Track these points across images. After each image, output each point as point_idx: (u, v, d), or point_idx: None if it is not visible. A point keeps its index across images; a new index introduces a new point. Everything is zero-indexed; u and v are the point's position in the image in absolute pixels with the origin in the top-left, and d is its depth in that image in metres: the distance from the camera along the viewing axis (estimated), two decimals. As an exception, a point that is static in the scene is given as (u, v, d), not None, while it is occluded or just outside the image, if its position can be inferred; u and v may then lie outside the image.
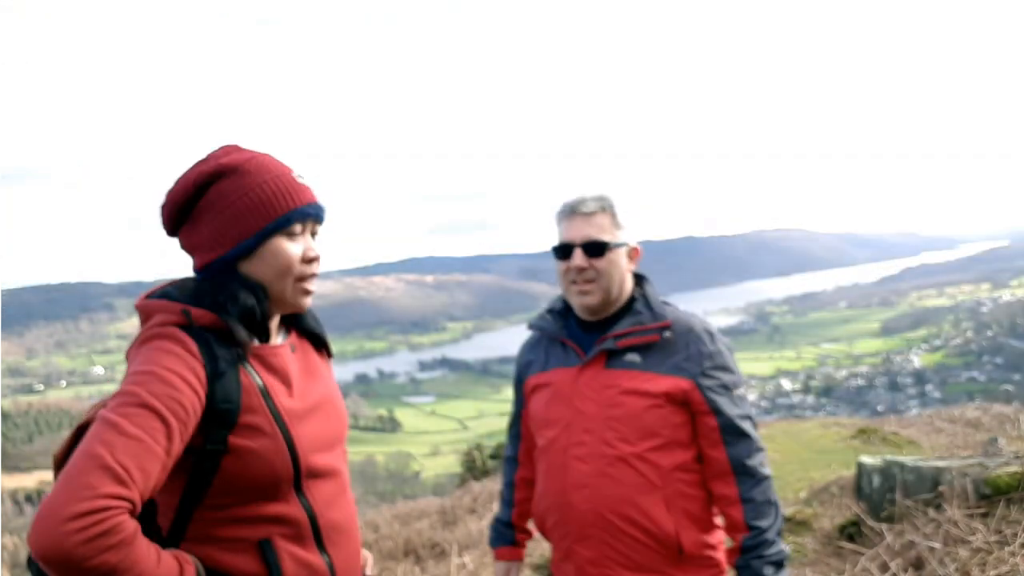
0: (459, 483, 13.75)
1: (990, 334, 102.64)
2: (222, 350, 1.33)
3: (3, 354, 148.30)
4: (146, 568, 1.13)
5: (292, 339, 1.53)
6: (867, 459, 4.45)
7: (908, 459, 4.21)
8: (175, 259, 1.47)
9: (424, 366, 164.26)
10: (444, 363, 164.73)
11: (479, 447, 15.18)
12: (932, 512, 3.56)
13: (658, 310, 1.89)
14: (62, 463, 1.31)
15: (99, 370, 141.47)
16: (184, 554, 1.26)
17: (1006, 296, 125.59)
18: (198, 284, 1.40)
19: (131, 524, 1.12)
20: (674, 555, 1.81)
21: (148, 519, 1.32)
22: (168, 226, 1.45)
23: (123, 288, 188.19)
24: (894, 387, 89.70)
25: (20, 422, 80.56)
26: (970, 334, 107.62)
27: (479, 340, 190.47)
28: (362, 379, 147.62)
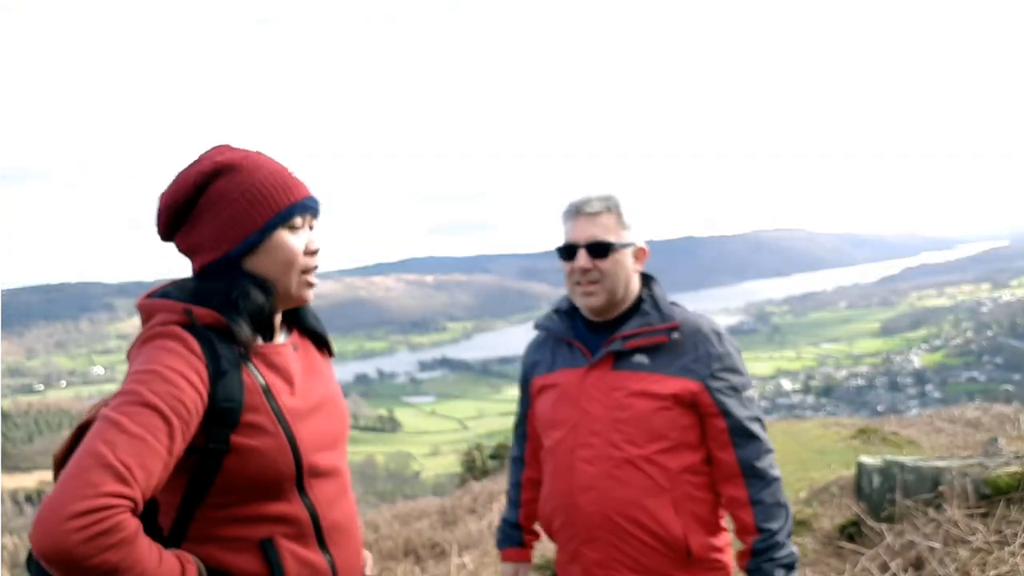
0: (459, 483, 13.77)
1: (990, 334, 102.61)
2: (224, 349, 1.32)
3: (3, 354, 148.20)
4: (148, 567, 1.13)
5: (294, 338, 1.52)
6: (867, 459, 4.45)
7: (908, 459, 4.20)
8: (175, 259, 1.46)
9: (424, 366, 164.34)
10: (444, 363, 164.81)
11: (479, 447, 15.20)
12: (932, 512, 3.56)
13: (666, 311, 1.87)
14: (62, 463, 1.30)
15: (99, 370, 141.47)
16: (186, 554, 1.25)
17: (1006, 296, 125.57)
18: (203, 283, 1.38)
19: (133, 523, 1.11)
20: (682, 558, 1.80)
21: (149, 519, 1.31)
22: (164, 229, 1.43)
23: (123, 288, 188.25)
24: (894, 387, 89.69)
25: (20, 422, 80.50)
26: (970, 334, 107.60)
27: (479, 340, 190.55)
28: (362, 379, 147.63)
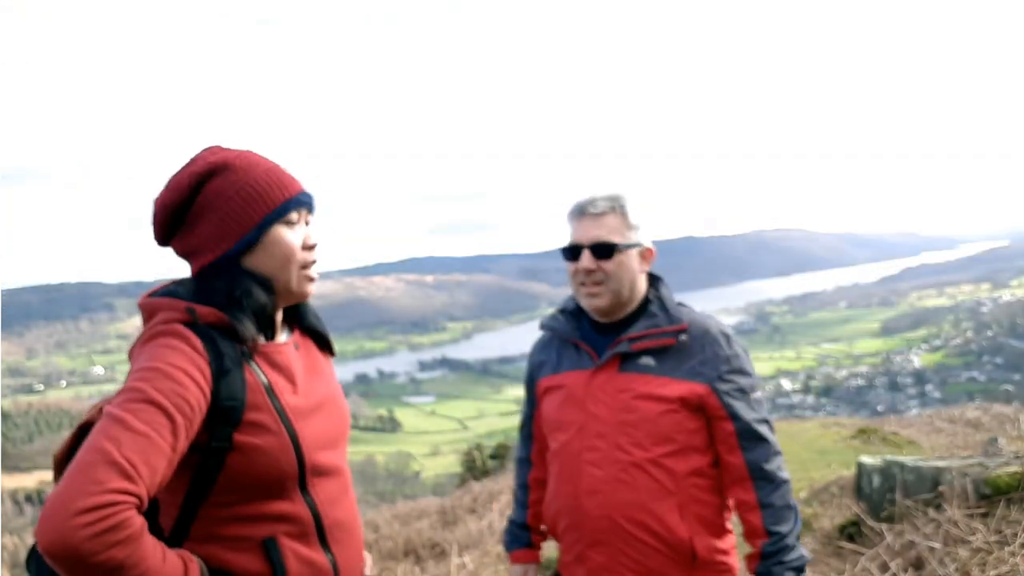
0: (459, 483, 13.77)
1: (990, 334, 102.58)
2: (227, 347, 1.32)
3: (3, 354, 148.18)
4: (152, 564, 1.13)
5: (295, 337, 1.52)
6: (867, 459, 4.45)
7: (908, 459, 4.21)
8: (175, 260, 1.47)
9: (424, 366, 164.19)
10: (444, 363, 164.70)
11: (479, 447, 15.21)
12: (932, 512, 3.56)
13: (674, 312, 1.85)
14: (62, 463, 1.31)
15: (99, 370, 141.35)
16: (188, 553, 1.25)
17: (1006, 296, 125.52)
18: (204, 283, 1.39)
19: (138, 520, 1.11)
20: (687, 561, 1.79)
21: (150, 519, 1.30)
22: (161, 233, 1.43)
23: (123, 288, 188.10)
24: (894, 387, 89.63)
25: (20, 422, 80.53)
26: (970, 334, 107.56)
27: (479, 340, 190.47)
28: (362, 379, 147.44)
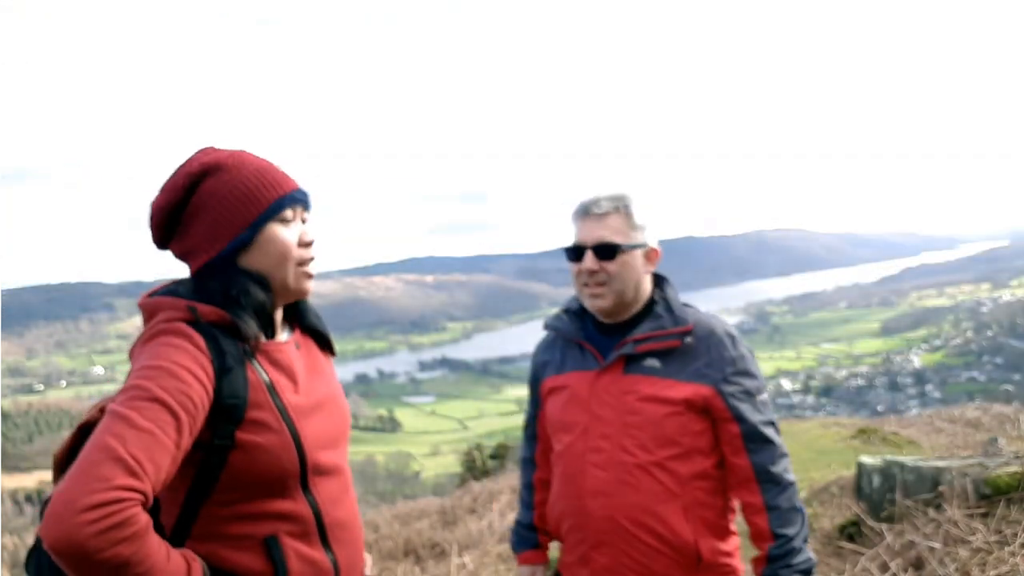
0: (459, 483, 13.75)
1: (990, 334, 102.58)
2: (229, 346, 1.33)
3: (3, 354, 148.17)
4: (157, 562, 1.13)
5: (296, 336, 1.52)
6: (867, 459, 4.45)
7: (908, 459, 4.20)
8: (175, 260, 1.48)
9: (424, 366, 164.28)
10: (444, 363, 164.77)
11: (479, 447, 15.19)
12: (932, 512, 3.56)
13: (679, 314, 1.83)
14: (62, 463, 1.31)
15: (99, 370, 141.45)
16: (191, 553, 1.25)
17: (1006, 296, 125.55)
18: (202, 282, 1.39)
19: (144, 517, 1.11)
20: (692, 563, 1.78)
21: (152, 518, 1.28)
22: (159, 235, 1.44)
23: (123, 288, 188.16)
24: (894, 387, 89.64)
25: (20, 422, 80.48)
26: (970, 334, 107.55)
27: (479, 340, 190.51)
28: (362, 379, 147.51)
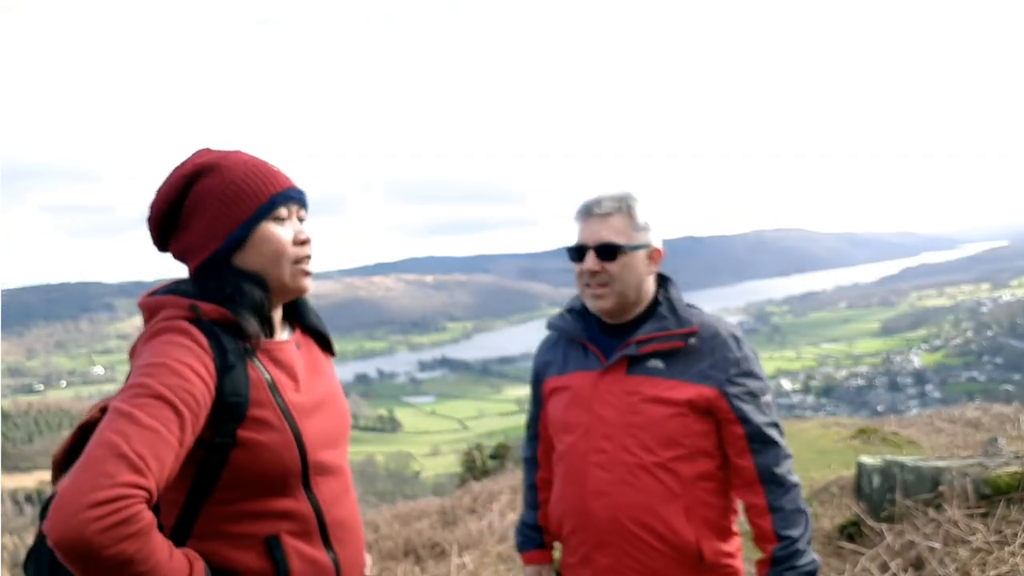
0: (459, 483, 13.74)
1: (990, 334, 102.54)
2: (231, 344, 1.33)
3: (3, 354, 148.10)
4: (160, 560, 1.13)
5: (296, 336, 1.53)
6: (867, 459, 4.44)
7: (908, 459, 4.20)
8: (175, 260, 1.49)
9: (424, 366, 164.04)
10: (444, 363, 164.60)
11: (479, 447, 15.17)
12: (932, 512, 3.56)
13: (683, 314, 1.83)
14: (62, 463, 1.32)
15: (99, 370, 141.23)
16: (193, 553, 1.25)
17: (1006, 296, 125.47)
18: (200, 282, 1.40)
19: (148, 514, 1.12)
20: (693, 564, 1.78)
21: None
22: (158, 238, 1.45)
23: (123, 288, 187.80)
24: (894, 387, 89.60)
25: (20, 422, 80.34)
26: (970, 334, 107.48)
27: (479, 340, 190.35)
28: (362, 379, 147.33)
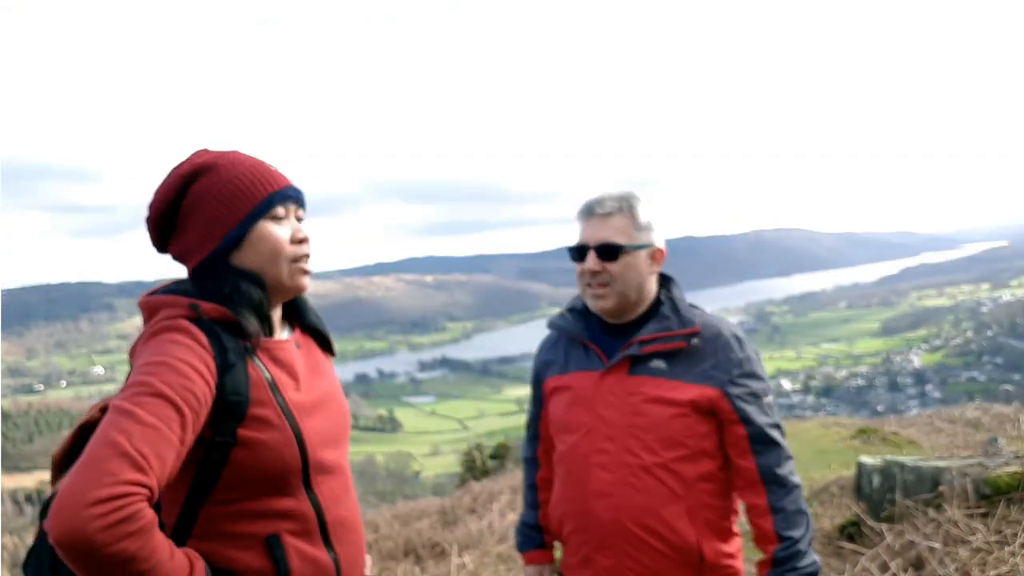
0: (459, 483, 13.73)
1: (990, 334, 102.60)
2: (231, 342, 1.33)
3: (3, 354, 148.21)
4: (161, 558, 1.13)
5: (296, 335, 1.53)
6: (867, 459, 4.44)
7: (908, 459, 4.20)
8: (175, 261, 1.49)
9: (424, 366, 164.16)
10: (444, 363, 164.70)
11: (479, 447, 15.17)
12: (932, 512, 3.56)
13: (685, 315, 1.82)
14: (61, 463, 1.32)
15: (99, 370, 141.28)
16: (194, 552, 1.25)
17: (1006, 296, 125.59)
18: (198, 282, 1.41)
19: (150, 513, 1.12)
20: (695, 565, 1.77)
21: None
22: (156, 237, 1.45)
23: (123, 288, 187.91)
24: (894, 387, 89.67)
25: (20, 422, 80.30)
26: (970, 334, 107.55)
27: (479, 340, 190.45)
28: (362, 379, 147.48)
